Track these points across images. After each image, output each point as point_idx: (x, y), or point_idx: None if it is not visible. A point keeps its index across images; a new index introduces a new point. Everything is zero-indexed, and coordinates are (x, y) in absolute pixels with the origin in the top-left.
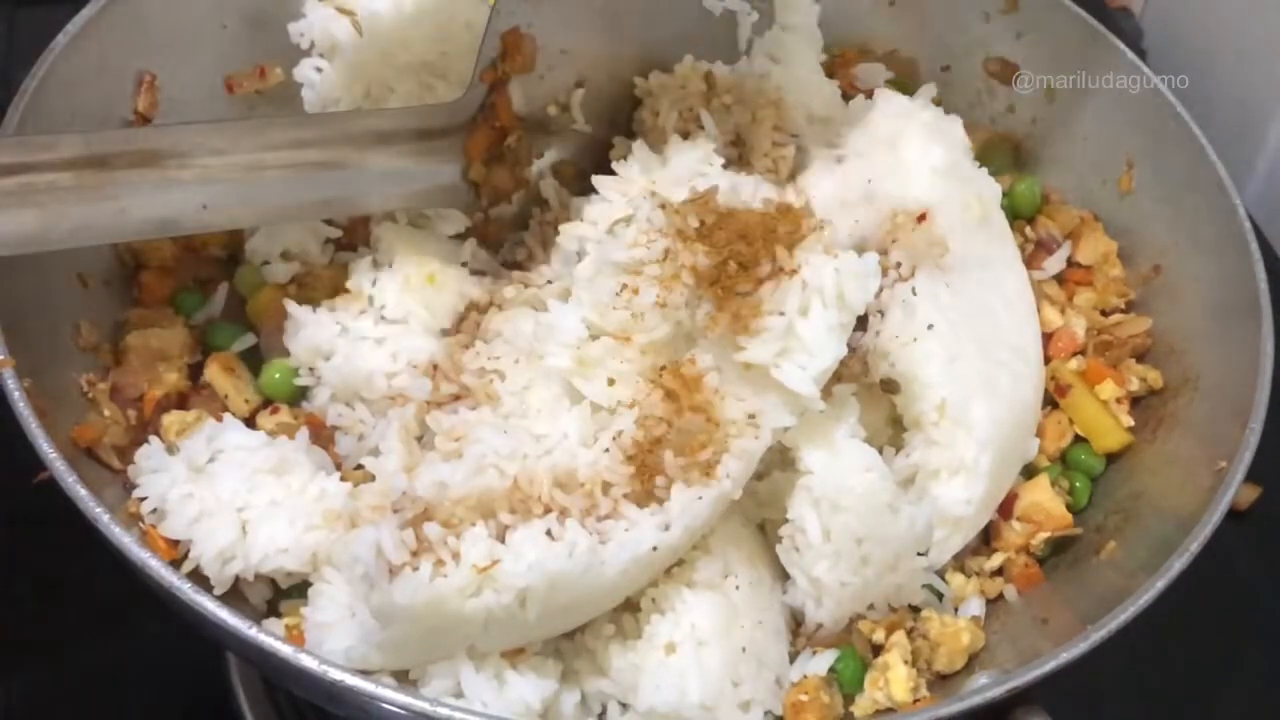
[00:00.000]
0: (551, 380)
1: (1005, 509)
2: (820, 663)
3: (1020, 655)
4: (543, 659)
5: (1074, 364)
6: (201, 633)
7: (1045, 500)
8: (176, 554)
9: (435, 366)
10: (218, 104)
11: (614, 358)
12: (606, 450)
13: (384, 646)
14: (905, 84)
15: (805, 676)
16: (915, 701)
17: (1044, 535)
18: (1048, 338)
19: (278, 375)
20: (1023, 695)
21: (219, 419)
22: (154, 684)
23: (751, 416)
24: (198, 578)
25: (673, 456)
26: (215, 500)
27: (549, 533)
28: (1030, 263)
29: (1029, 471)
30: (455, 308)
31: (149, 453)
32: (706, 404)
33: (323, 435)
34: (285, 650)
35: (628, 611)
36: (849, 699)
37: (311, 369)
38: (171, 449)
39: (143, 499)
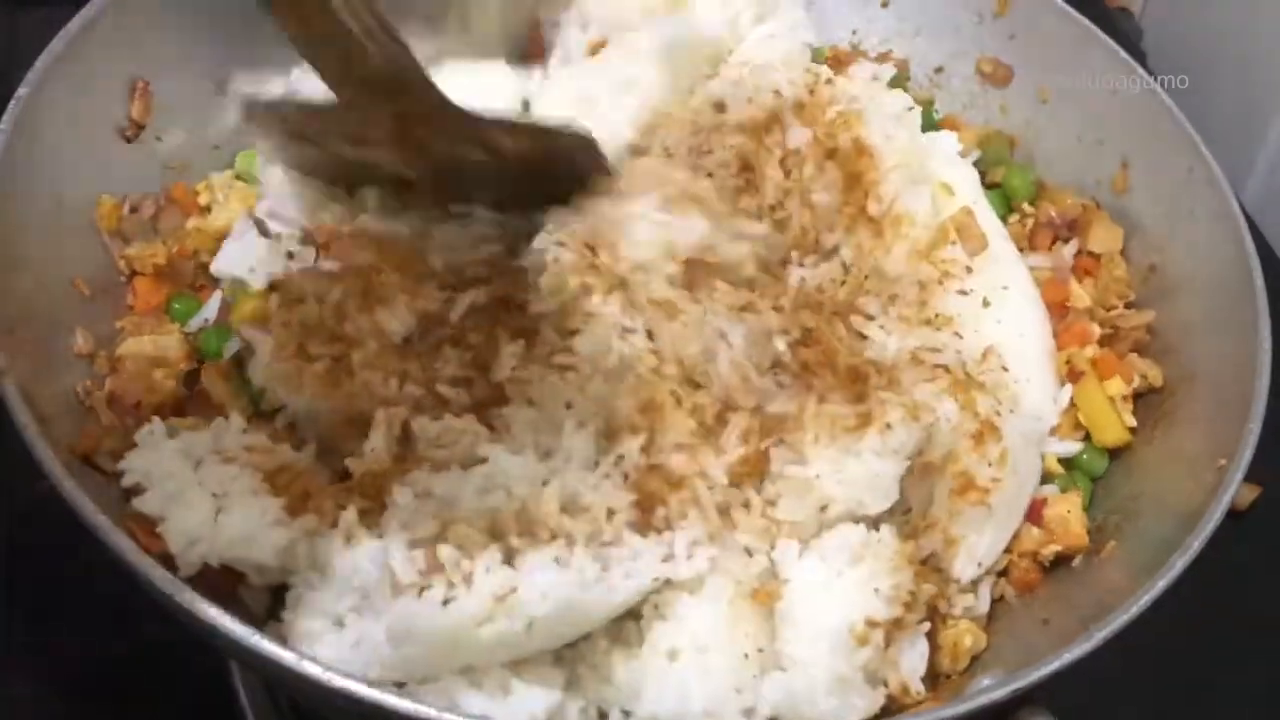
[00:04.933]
0: None
1: (1034, 514)
2: None
3: (1023, 656)
4: (547, 667)
5: (1089, 351)
6: (202, 639)
7: (1072, 520)
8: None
9: (405, 372)
10: (212, 110)
11: None
12: (608, 476)
13: (384, 664)
14: (898, 85)
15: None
16: (919, 703)
17: (1055, 548)
18: (1066, 321)
19: None
20: (1026, 696)
21: None
22: (154, 685)
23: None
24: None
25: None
26: (196, 483)
27: (556, 559)
28: (1031, 241)
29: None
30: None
31: (150, 430)
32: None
33: None
34: (288, 658)
35: (629, 618)
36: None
37: None
38: (173, 431)
39: (126, 472)
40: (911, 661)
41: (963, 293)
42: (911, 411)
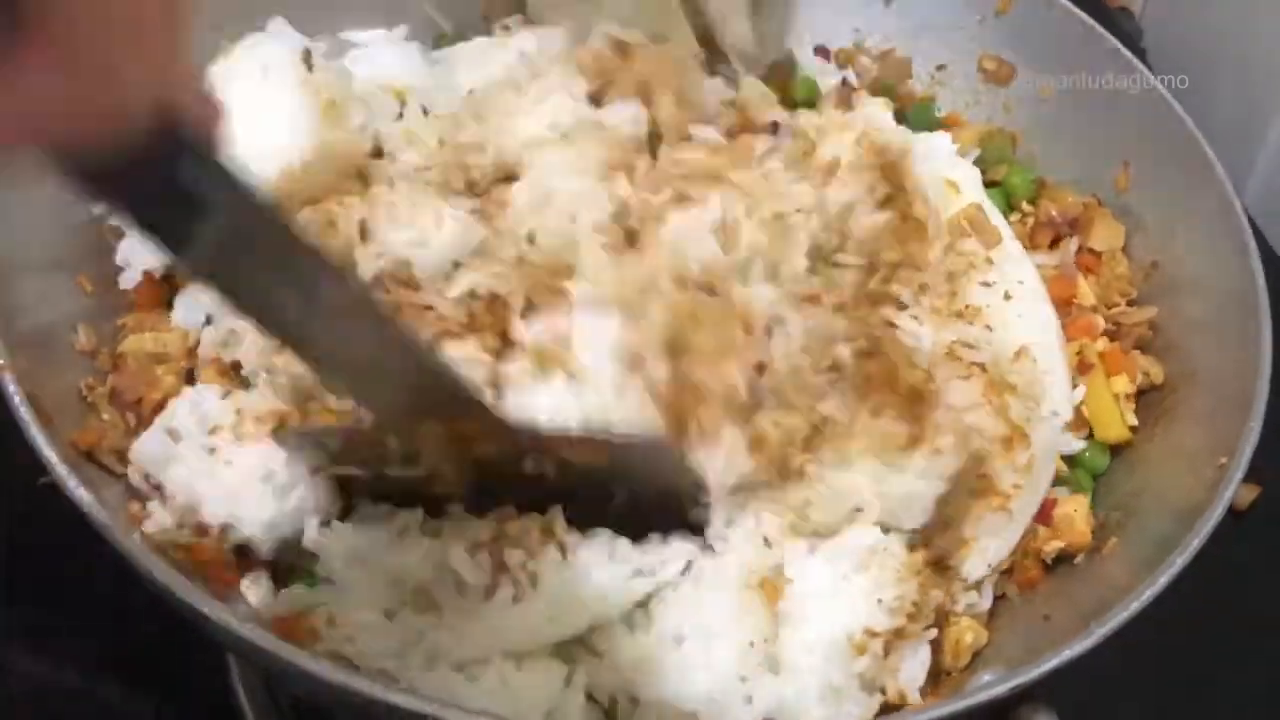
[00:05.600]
0: None
1: (1044, 514)
2: None
3: (1024, 652)
4: (547, 659)
5: (1099, 345)
6: (203, 634)
7: (1078, 519)
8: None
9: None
10: None
11: None
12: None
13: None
14: (901, 81)
15: None
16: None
17: (1059, 545)
18: (1071, 317)
19: None
20: (1027, 692)
21: None
22: (154, 685)
23: None
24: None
25: None
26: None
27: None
28: (1032, 239)
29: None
30: None
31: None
32: None
33: None
34: (286, 651)
35: (636, 604)
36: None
37: None
38: (175, 435)
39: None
40: (912, 670)
41: (986, 284)
42: (963, 439)
